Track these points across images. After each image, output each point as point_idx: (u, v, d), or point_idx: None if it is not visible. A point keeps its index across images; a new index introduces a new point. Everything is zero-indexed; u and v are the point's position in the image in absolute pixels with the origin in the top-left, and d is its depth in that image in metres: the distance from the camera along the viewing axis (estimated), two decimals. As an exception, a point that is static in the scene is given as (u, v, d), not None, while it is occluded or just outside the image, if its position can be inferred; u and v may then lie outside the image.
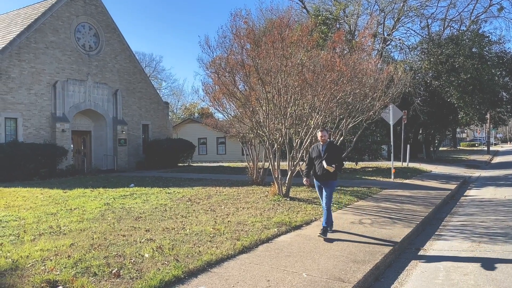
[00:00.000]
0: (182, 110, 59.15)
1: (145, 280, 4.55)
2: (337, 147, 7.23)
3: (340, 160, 6.88)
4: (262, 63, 10.65)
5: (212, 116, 29.14)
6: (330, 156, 6.73)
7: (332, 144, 7.04)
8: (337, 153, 6.94)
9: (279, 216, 8.33)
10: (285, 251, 5.97)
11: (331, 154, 6.76)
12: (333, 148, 6.95)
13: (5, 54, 18.62)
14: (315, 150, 7.00)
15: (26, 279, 4.60)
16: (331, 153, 6.78)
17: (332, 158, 6.69)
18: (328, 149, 6.83)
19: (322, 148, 6.89)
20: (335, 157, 6.77)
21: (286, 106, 10.69)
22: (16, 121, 18.97)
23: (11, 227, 7.34)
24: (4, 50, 18.63)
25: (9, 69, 18.73)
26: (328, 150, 6.81)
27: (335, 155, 6.81)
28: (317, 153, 6.92)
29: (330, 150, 6.82)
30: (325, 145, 6.89)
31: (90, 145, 23.41)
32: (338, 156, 6.87)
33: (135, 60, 25.92)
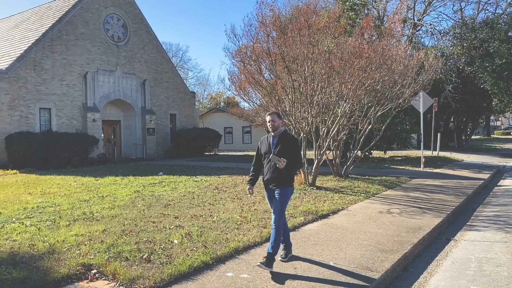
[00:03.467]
0: (208, 99, 59.56)
1: (175, 265, 4.67)
2: (293, 139, 5.14)
3: (296, 157, 4.99)
4: (288, 51, 10.55)
5: (238, 105, 29.26)
6: (283, 151, 4.89)
7: (286, 135, 5.08)
8: (292, 147, 4.99)
9: (305, 205, 8.32)
10: (312, 239, 5.97)
11: (284, 149, 4.89)
12: (288, 141, 5.00)
13: (38, 46, 19.23)
14: (264, 143, 5.13)
15: (63, 262, 4.81)
16: (285, 147, 4.91)
17: (284, 154, 4.84)
18: (280, 142, 4.95)
19: (273, 140, 5.02)
20: (290, 153, 4.90)
21: (313, 94, 10.59)
22: (50, 111, 19.64)
23: (47, 213, 7.66)
24: (38, 42, 19.24)
25: (43, 61, 19.35)
26: (280, 144, 4.94)
27: (290, 150, 4.93)
28: (266, 147, 5.07)
29: (284, 144, 4.94)
30: (276, 137, 5.02)
31: (120, 134, 23.99)
32: (294, 152, 4.98)
33: (162, 50, 26.22)
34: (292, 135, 5.32)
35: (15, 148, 17.27)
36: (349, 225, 6.85)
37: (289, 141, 5.01)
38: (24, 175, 15.20)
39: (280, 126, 5.02)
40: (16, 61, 18.41)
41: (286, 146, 4.93)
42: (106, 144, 23.11)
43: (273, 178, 4.95)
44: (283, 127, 5.14)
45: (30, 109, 18.86)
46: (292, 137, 5.25)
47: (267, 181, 5.08)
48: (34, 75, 18.99)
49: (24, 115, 18.64)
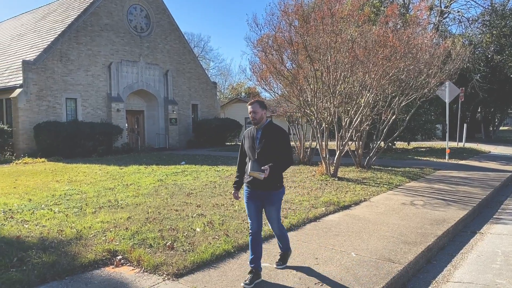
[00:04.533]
0: (229, 89, 59.65)
1: (197, 253, 4.74)
2: (280, 132, 4.18)
3: (284, 154, 4.13)
4: (310, 40, 10.43)
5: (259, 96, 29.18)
6: (268, 146, 4.08)
7: (271, 127, 4.20)
8: (279, 141, 4.12)
9: (327, 195, 8.28)
10: (333, 230, 5.95)
11: (270, 144, 4.08)
12: (274, 134, 4.14)
13: (64, 38, 19.63)
14: (248, 138, 4.27)
15: (89, 248, 4.96)
16: (270, 142, 4.09)
17: (270, 152, 4.06)
18: (265, 136, 4.12)
19: (256, 133, 4.20)
20: (277, 148, 4.09)
21: (335, 84, 10.46)
22: (76, 101, 20.10)
23: (74, 200, 7.89)
24: (64, 33, 19.64)
25: (69, 52, 19.76)
26: (265, 138, 4.11)
27: (276, 144, 4.10)
28: (250, 142, 4.22)
29: (269, 137, 4.11)
30: (260, 129, 4.18)
31: (143, 124, 24.37)
32: (281, 147, 4.12)
33: (184, 41, 26.35)
34: (279, 127, 4.26)
35: (43, 137, 17.79)
36: (371, 216, 6.79)
37: (275, 134, 4.13)
38: (52, 163, 15.67)
39: (265, 117, 4.19)
40: (43, 52, 18.87)
41: (272, 140, 4.10)
42: (130, 134, 23.53)
43: (259, 181, 4.03)
44: (269, 118, 4.49)
45: (57, 99, 19.35)
46: (278, 128, 4.23)
47: (251, 184, 4.16)
48: (60, 66, 19.44)
49: (51, 105, 19.15)
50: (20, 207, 7.27)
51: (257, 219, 4.20)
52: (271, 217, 4.28)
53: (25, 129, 18.16)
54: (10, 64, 20.34)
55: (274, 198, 4.20)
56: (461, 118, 22.33)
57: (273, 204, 4.21)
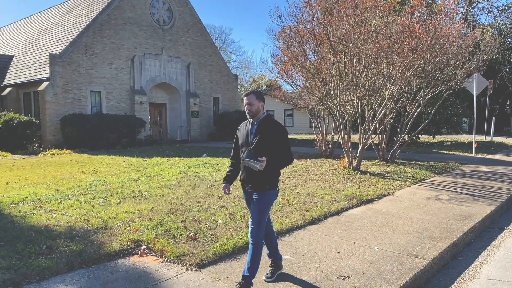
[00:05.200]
0: (250, 82, 59.60)
1: (219, 244, 4.78)
2: (277, 127, 3.80)
3: (281, 152, 3.74)
4: (334, 32, 10.27)
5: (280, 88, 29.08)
6: (263, 143, 3.71)
7: (268, 122, 3.83)
8: (276, 137, 3.74)
9: (349, 189, 8.20)
10: (356, 224, 5.89)
11: (265, 141, 3.71)
12: (271, 129, 3.77)
13: (89, 31, 19.99)
14: (242, 132, 3.93)
15: (115, 237, 5.07)
16: (265, 138, 3.72)
17: (265, 149, 3.68)
18: (260, 131, 3.76)
19: (251, 128, 3.84)
20: (273, 146, 3.72)
21: (359, 76, 10.29)
22: (100, 94, 20.50)
23: (99, 191, 8.08)
24: (89, 27, 20.00)
25: (93, 45, 20.13)
26: (260, 133, 3.75)
27: (272, 141, 3.72)
28: (244, 137, 3.87)
29: (265, 133, 3.74)
30: (255, 124, 3.83)
31: (165, 116, 24.67)
32: (278, 144, 3.73)
33: (206, 34, 26.42)
34: (276, 122, 3.87)
35: (69, 129, 18.24)
36: (394, 210, 6.69)
37: (272, 130, 3.74)
38: (77, 154, 16.07)
39: (262, 110, 3.82)
40: (69, 46, 19.28)
41: (268, 136, 3.70)
42: (153, 126, 23.86)
43: (250, 177, 3.75)
44: (266, 112, 3.90)
45: (82, 91, 19.77)
46: (276, 124, 3.83)
47: (243, 181, 3.87)
48: (85, 59, 19.82)
49: (77, 98, 19.58)
50: (48, 196, 7.50)
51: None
52: (252, 218, 3.73)
53: (52, 121, 18.65)
54: (38, 57, 20.88)
55: (259, 198, 3.71)
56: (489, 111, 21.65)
57: (257, 204, 3.71)
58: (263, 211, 3.74)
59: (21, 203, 7.00)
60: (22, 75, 20.49)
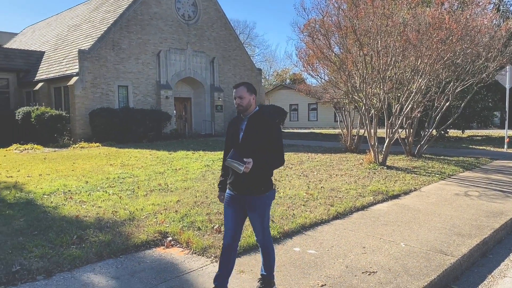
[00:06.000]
0: (274, 76, 59.41)
1: (243, 237, 4.81)
2: (269, 124, 3.37)
3: (273, 151, 3.33)
4: (360, 24, 10.10)
5: (304, 82, 28.89)
6: (252, 142, 3.30)
7: (259, 118, 3.40)
8: (268, 136, 3.31)
9: (375, 184, 8.09)
10: (381, 219, 5.81)
11: (255, 139, 3.30)
12: (261, 126, 3.35)
13: (116, 27, 20.37)
14: (232, 128, 3.52)
15: (142, 229, 5.19)
16: (255, 136, 3.31)
17: (255, 147, 3.28)
18: (250, 128, 3.35)
19: (241, 124, 3.42)
20: (263, 145, 3.30)
21: (386, 69, 10.09)
22: (127, 88, 20.89)
23: (127, 183, 8.27)
24: (116, 23, 20.37)
25: (120, 41, 20.50)
26: (250, 130, 3.35)
27: (263, 140, 3.30)
28: (232, 134, 3.47)
29: (255, 130, 3.33)
30: (246, 119, 3.40)
31: (190, 111, 24.93)
32: (270, 143, 3.32)
33: (230, 28, 26.45)
34: (267, 118, 3.43)
35: (97, 123, 18.70)
36: (421, 206, 6.55)
37: (263, 126, 3.33)
38: (105, 148, 16.48)
39: (253, 104, 3.39)
40: (97, 41, 19.70)
41: (259, 133, 3.29)
42: (178, 120, 24.16)
43: (241, 181, 3.32)
44: (258, 106, 3.49)
45: (110, 86, 20.20)
46: (268, 120, 3.41)
47: (232, 185, 3.43)
48: (113, 55, 20.23)
49: (105, 92, 20.03)
50: (78, 188, 7.73)
51: (232, 229, 3.44)
52: (254, 226, 3.49)
53: (81, 115, 19.16)
54: (68, 53, 21.45)
55: (256, 203, 3.37)
56: (522, 104, 20.80)
57: (255, 210, 3.39)
58: (263, 214, 3.43)
59: (53, 194, 7.24)
60: (53, 71, 21.11)
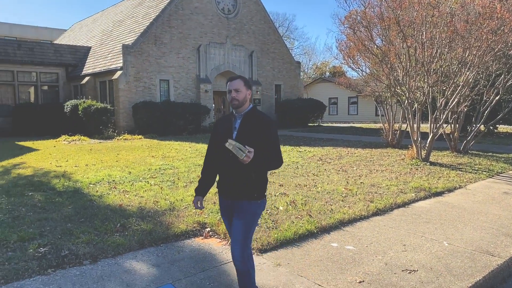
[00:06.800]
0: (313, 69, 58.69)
1: (280, 230, 4.83)
2: (266, 122, 3.03)
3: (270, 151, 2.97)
4: (404, 15, 9.75)
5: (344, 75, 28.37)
6: (248, 141, 2.88)
7: (255, 116, 3.07)
8: (264, 135, 2.98)
9: (417, 181, 7.83)
10: (423, 217, 5.63)
11: (250, 138, 2.94)
12: (258, 125, 3.01)
13: (158, 22, 20.85)
14: (221, 126, 3.17)
15: (181, 219, 5.32)
16: (251, 134, 2.97)
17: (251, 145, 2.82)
18: (245, 126, 3.02)
19: (235, 122, 3.08)
20: (260, 145, 2.91)
21: (430, 61, 9.69)
22: (168, 82, 21.38)
23: (167, 174, 8.49)
24: (158, 18, 20.85)
25: (162, 35, 20.98)
26: (244, 127, 3.02)
27: (259, 139, 2.95)
28: (224, 133, 3.07)
29: (251, 128, 3.00)
30: (240, 117, 3.06)
31: (228, 104, 25.16)
32: (266, 144, 2.96)
33: (270, 21, 26.36)
34: (265, 116, 3.10)
35: (140, 115, 19.31)
36: (466, 204, 6.28)
37: (259, 125, 3.00)
38: (147, 140, 17.00)
39: (248, 100, 3.07)
40: (140, 36, 20.27)
41: (255, 132, 2.96)
42: (217, 114, 24.47)
43: (232, 182, 3.01)
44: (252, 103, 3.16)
45: (152, 80, 20.76)
46: (264, 117, 3.07)
47: (219, 187, 3.16)
48: (155, 49, 20.74)
49: (147, 86, 20.61)
50: (122, 178, 8.03)
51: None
52: (235, 236, 2.99)
53: (125, 108, 19.84)
54: (112, 48, 22.23)
55: (244, 209, 2.98)
56: None
57: (242, 217, 2.97)
58: (249, 226, 2.99)
59: (98, 183, 7.57)
60: (98, 65, 21.97)
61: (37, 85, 22.47)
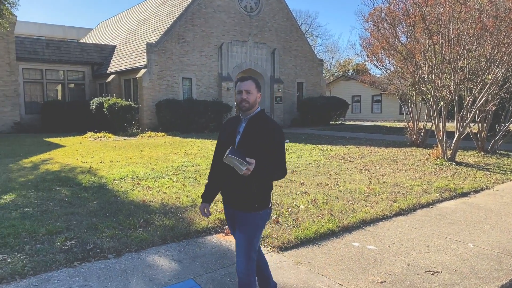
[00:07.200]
0: (336, 67, 58.08)
1: (301, 229, 4.82)
2: (272, 128, 2.82)
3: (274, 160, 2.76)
4: (429, 11, 9.53)
5: (368, 73, 27.93)
6: (250, 145, 2.75)
7: (261, 120, 2.88)
8: (269, 142, 2.76)
9: (442, 181, 7.66)
10: (448, 218, 5.51)
11: (255, 143, 2.75)
12: (263, 130, 2.80)
13: (181, 20, 21.07)
14: (227, 129, 3.01)
15: (203, 215, 5.37)
16: (255, 140, 2.77)
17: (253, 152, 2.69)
18: (249, 131, 2.82)
19: (240, 126, 2.90)
20: (263, 153, 2.73)
21: (457, 59, 9.45)
22: (191, 80, 21.60)
23: (190, 171, 8.60)
24: (181, 16, 21.08)
25: (185, 34, 21.20)
26: (249, 132, 2.82)
27: (263, 146, 2.75)
28: (228, 137, 2.94)
29: (255, 134, 2.79)
30: (246, 120, 2.88)
31: (250, 102, 25.20)
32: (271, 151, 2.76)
33: (292, 18, 26.24)
34: (271, 121, 2.90)
35: (163, 113, 19.58)
36: (494, 206, 6.10)
37: (264, 130, 2.78)
38: (170, 137, 17.23)
39: (257, 103, 2.89)
40: (163, 35, 20.54)
41: (258, 138, 2.75)
42: (238, 112, 24.55)
43: (232, 190, 2.87)
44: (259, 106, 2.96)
45: (175, 78, 21.01)
46: (270, 123, 2.86)
47: (224, 196, 2.99)
48: (178, 47, 20.98)
49: (170, 84, 20.88)
50: (145, 175, 8.18)
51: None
52: (238, 250, 2.83)
53: (149, 106, 20.17)
54: (137, 46, 22.61)
55: (246, 221, 2.81)
56: None
57: (243, 230, 2.81)
58: (252, 238, 2.81)
59: (122, 179, 7.73)
60: (123, 63, 22.39)
61: (64, 83, 23.10)
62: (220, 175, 2.96)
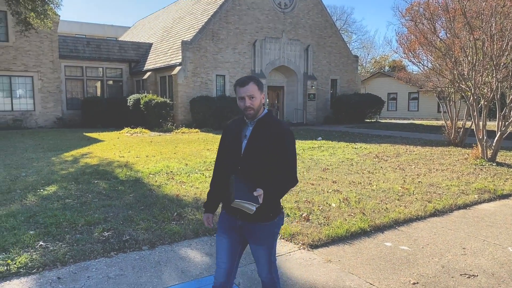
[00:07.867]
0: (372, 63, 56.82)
1: (332, 227, 4.79)
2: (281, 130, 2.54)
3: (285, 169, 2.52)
4: (471, 5, 9.16)
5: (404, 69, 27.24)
6: (259, 153, 2.51)
7: (269, 123, 2.60)
8: (279, 147, 2.51)
9: (480, 182, 7.38)
10: (487, 220, 5.31)
11: (263, 149, 2.51)
12: (272, 133, 2.53)
13: (216, 18, 21.30)
14: (231, 133, 2.70)
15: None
16: (263, 146, 2.51)
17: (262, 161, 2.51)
18: (256, 135, 2.55)
19: (246, 130, 2.61)
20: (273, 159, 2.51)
21: (500, 55, 9.04)
22: (224, 77, 21.81)
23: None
24: (216, 14, 21.30)
25: (219, 31, 21.42)
26: (257, 137, 2.55)
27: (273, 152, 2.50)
28: (233, 141, 2.64)
29: (263, 138, 2.53)
30: (252, 123, 2.60)
31: (282, 99, 25.16)
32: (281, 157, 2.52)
33: (327, 14, 25.92)
34: (279, 123, 2.62)
35: (197, 110, 19.91)
36: (537, 209, 5.82)
37: (272, 134, 2.52)
38: (203, 133, 17.51)
39: (262, 105, 2.60)
40: (198, 32, 20.84)
41: (267, 143, 2.50)
42: (271, 109, 24.59)
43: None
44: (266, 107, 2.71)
45: (209, 75, 21.29)
46: (280, 126, 2.58)
47: (228, 207, 2.61)
48: (212, 45, 21.23)
49: (204, 81, 21.18)
50: (179, 170, 8.37)
51: (227, 263, 2.69)
52: (258, 260, 2.70)
53: (183, 102, 20.56)
54: (172, 44, 23.07)
55: (263, 233, 2.60)
56: None
57: (261, 242, 2.62)
58: (271, 247, 2.67)
59: (157, 174, 7.95)
60: (159, 61, 22.91)
61: (103, 80, 23.94)
62: (224, 182, 2.60)
